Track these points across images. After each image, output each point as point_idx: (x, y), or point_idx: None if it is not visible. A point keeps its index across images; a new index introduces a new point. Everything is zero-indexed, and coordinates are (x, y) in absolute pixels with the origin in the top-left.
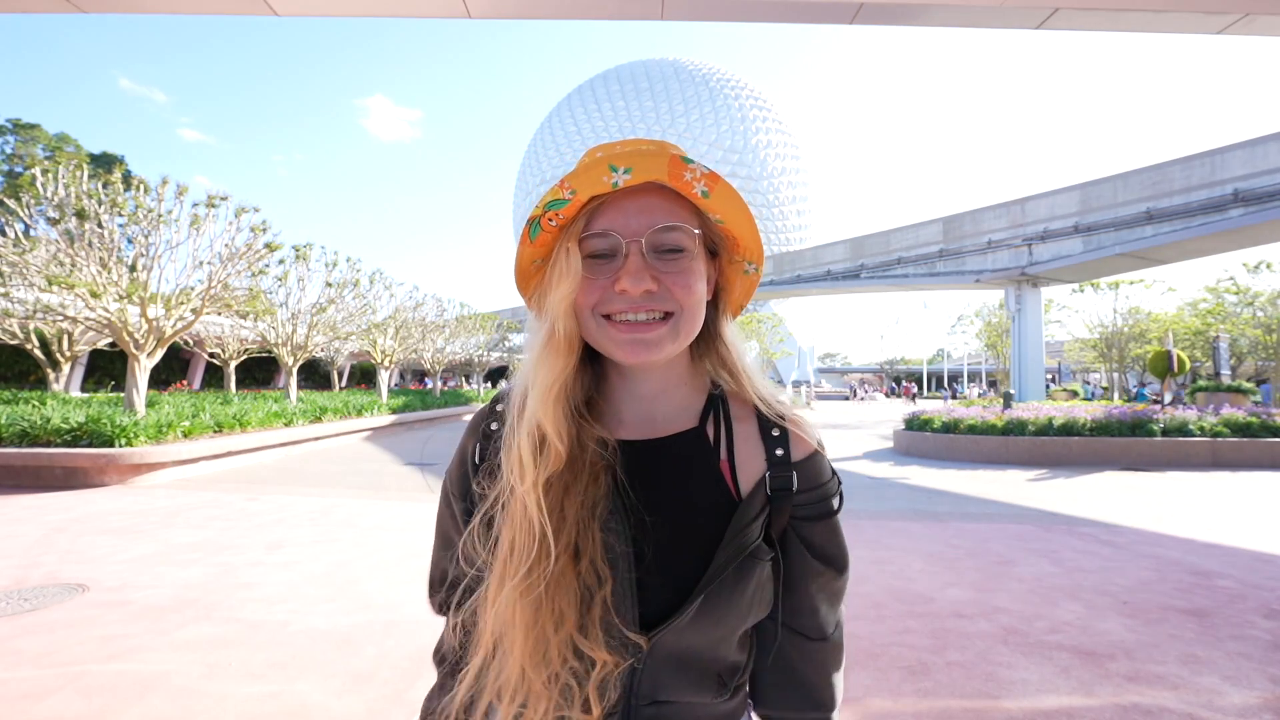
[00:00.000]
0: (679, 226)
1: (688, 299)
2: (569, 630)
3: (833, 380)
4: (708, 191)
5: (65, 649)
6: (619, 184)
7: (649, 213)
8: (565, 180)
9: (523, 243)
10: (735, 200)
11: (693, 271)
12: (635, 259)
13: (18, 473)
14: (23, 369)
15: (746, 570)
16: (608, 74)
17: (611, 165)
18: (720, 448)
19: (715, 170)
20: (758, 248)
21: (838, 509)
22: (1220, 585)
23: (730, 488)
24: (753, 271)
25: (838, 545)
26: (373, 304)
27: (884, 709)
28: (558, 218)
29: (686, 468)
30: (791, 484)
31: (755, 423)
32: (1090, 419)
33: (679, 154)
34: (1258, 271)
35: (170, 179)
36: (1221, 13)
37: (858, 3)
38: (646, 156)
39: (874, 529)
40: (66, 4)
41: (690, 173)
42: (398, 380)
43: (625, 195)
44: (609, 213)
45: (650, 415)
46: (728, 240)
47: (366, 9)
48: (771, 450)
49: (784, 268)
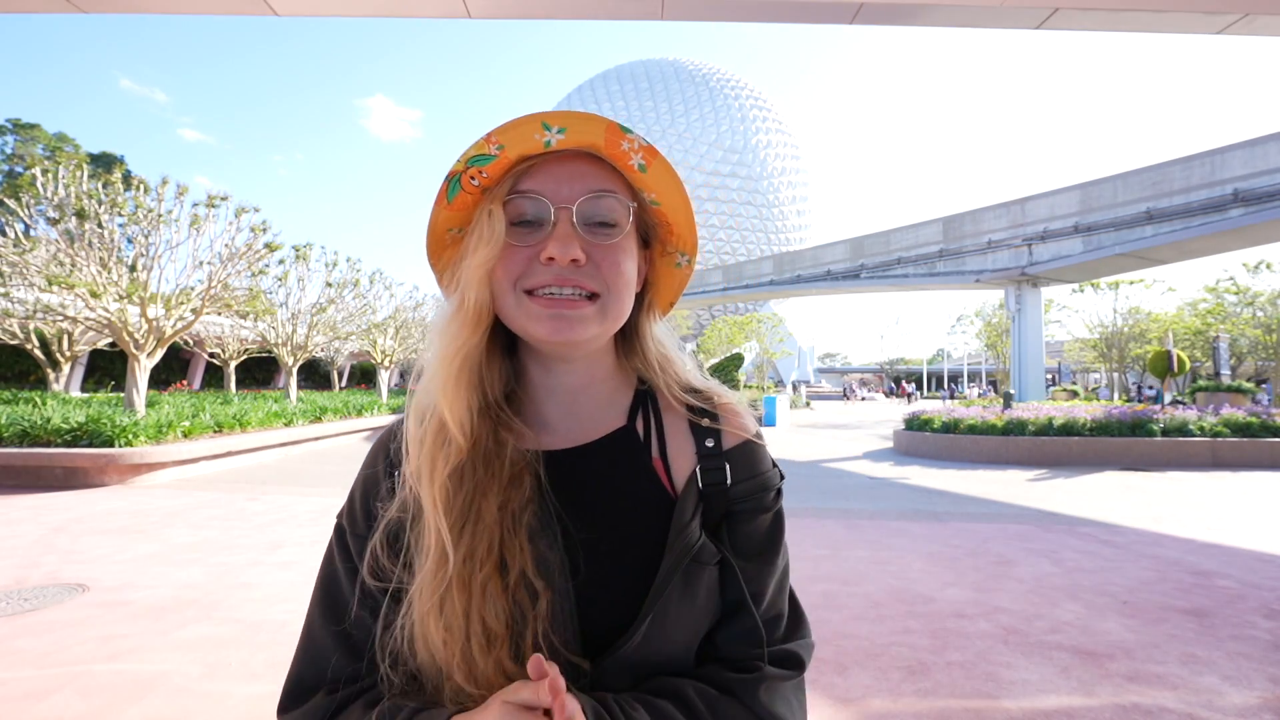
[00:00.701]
0: (613, 193)
1: (616, 279)
2: (499, 654)
3: (833, 380)
4: (645, 165)
5: (65, 649)
6: (551, 143)
7: (582, 179)
8: (492, 134)
9: (438, 204)
10: (673, 179)
11: (624, 249)
12: (564, 226)
13: (18, 473)
14: (23, 369)
15: (694, 576)
16: (608, 74)
17: (545, 124)
18: (651, 444)
19: (714, 197)
20: (692, 237)
21: (775, 501)
22: (1220, 585)
23: (666, 486)
24: (685, 264)
25: (772, 540)
26: (373, 304)
27: (884, 709)
28: (480, 176)
29: (618, 470)
30: (725, 476)
31: (685, 415)
32: (1090, 419)
33: (620, 122)
34: (1258, 271)
35: (170, 179)
36: (1221, 13)
37: (858, 3)
38: (583, 119)
39: (874, 529)
40: (66, 4)
41: (628, 142)
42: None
43: (557, 159)
44: (538, 175)
45: (574, 412)
46: (661, 227)
47: (366, 9)
48: (701, 441)
49: (784, 268)
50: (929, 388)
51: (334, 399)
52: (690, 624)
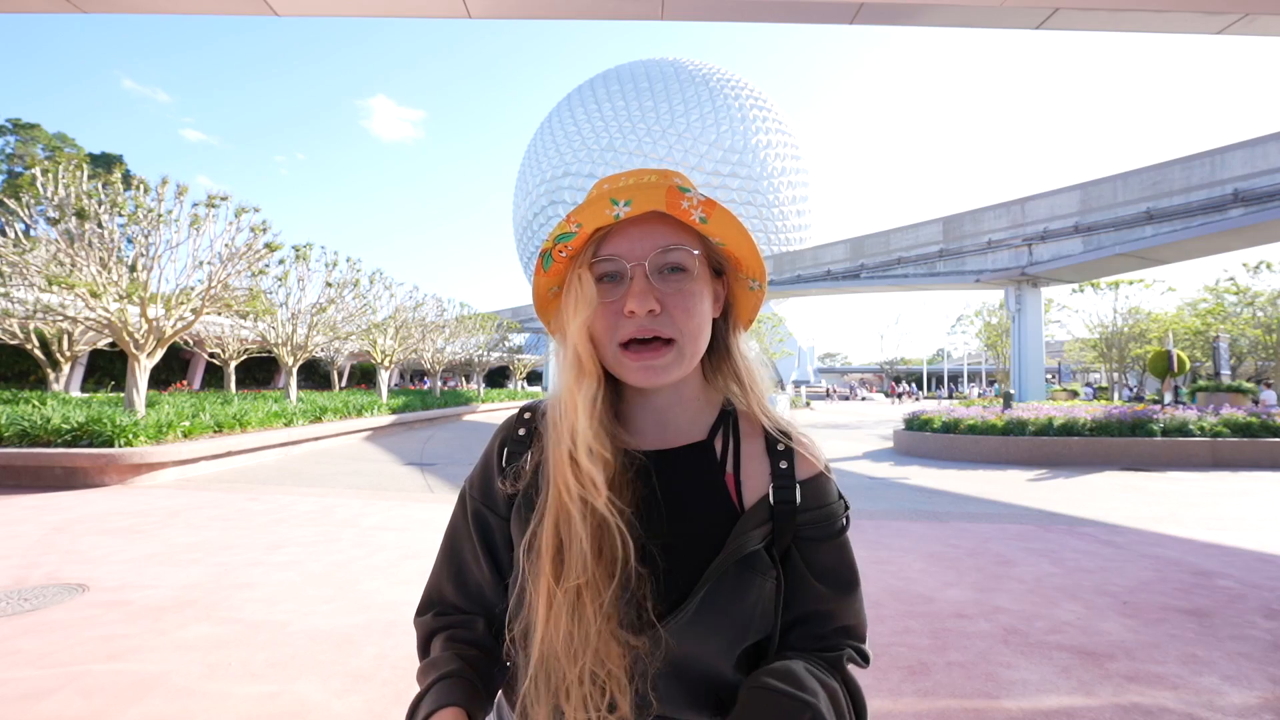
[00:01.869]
0: (679, 247)
1: (687, 323)
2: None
3: (832, 380)
4: (705, 218)
5: (65, 649)
6: (620, 215)
7: (651, 237)
8: (571, 215)
9: (537, 273)
10: (733, 223)
11: (693, 294)
12: (640, 281)
13: (18, 473)
14: (23, 369)
15: (746, 580)
16: (608, 74)
17: (613, 199)
18: (726, 461)
19: (713, 197)
20: (759, 266)
21: (844, 529)
22: (1220, 585)
23: (734, 500)
24: (756, 288)
25: (847, 566)
26: (373, 304)
27: (884, 709)
28: (567, 249)
29: (692, 478)
30: (795, 499)
31: (763, 440)
32: (1090, 419)
33: (678, 184)
34: (1258, 271)
35: (170, 179)
36: (1221, 13)
37: (858, 3)
38: (645, 189)
39: (874, 529)
40: (66, 4)
41: (687, 201)
42: (398, 380)
43: (629, 223)
44: (615, 239)
45: (662, 426)
46: (730, 260)
47: (366, 9)
48: (776, 465)
49: (784, 268)
50: (930, 387)
51: (334, 399)
52: (735, 622)
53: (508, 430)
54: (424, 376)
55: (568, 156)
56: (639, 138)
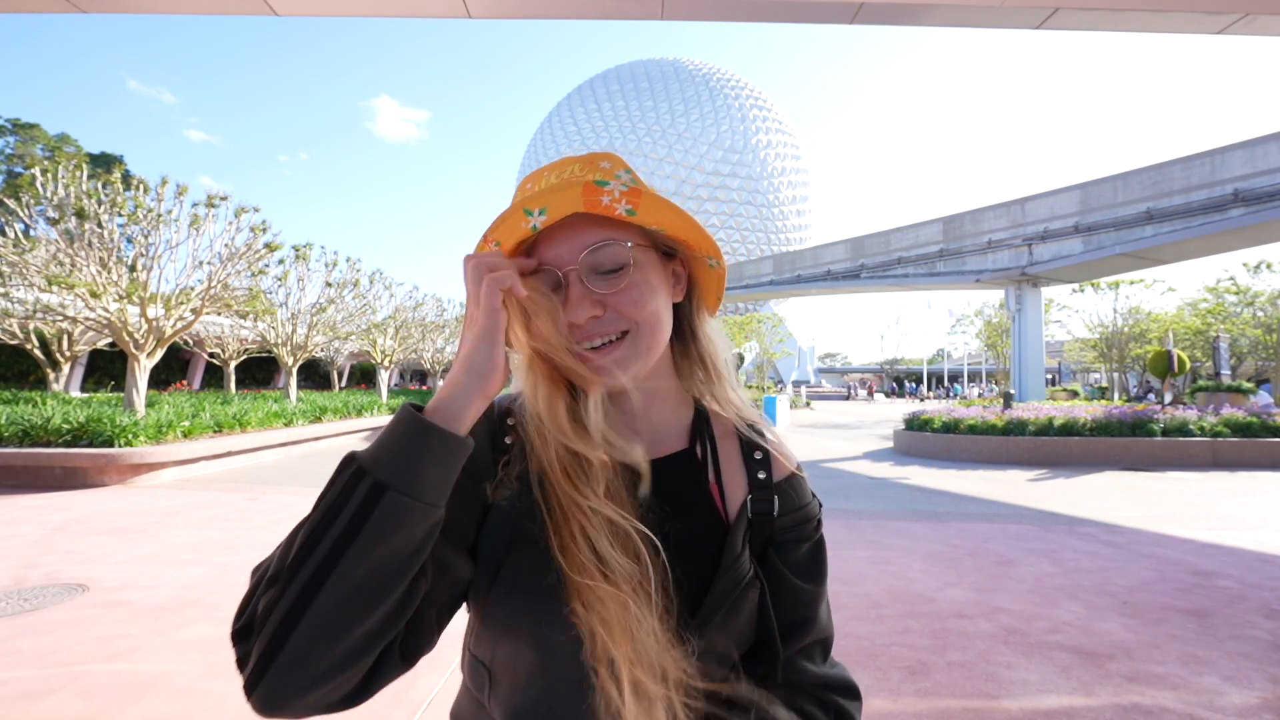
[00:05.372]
0: (608, 243)
1: (639, 313)
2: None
3: (833, 380)
4: (632, 209)
5: (65, 649)
6: (537, 226)
7: (579, 237)
8: (487, 234)
9: None
10: (667, 208)
11: (639, 285)
12: (575, 287)
13: (18, 473)
14: (23, 369)
15: (742, 600)
16: (608, 74)
17: (526, 210)
18: (708, 469)
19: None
20: (708, 243)
21: (817, 530)
22: (1220, 585)
23: (720, 510)
24: (715, 265)
25: (820, 564)
26: (372, 304)
27: (884, 709)
28: None
29: (681, 490)
30: (773, 507)
31: (737, 442)
32: (1090, 419)
33: (594, 179)
34: (1258, 271)
35: (170, 179)
36: (1221, 13)
37: (858, 3)
38: (560, 191)
39: (874, 529)
40: (66, 4)
41: (608, 195)
42: (397, 380)
43: (556, 226)
44: (543, 245)
45: (639, 430)
46: (678, 241)
47: (366, 9)
48: (754, 473)
49: (784, 268)
50: (929, 387)
51: (334, 399)
52: (732, 641)
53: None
54: (424, 377)
55: (568, 156)
56: (639, 137)
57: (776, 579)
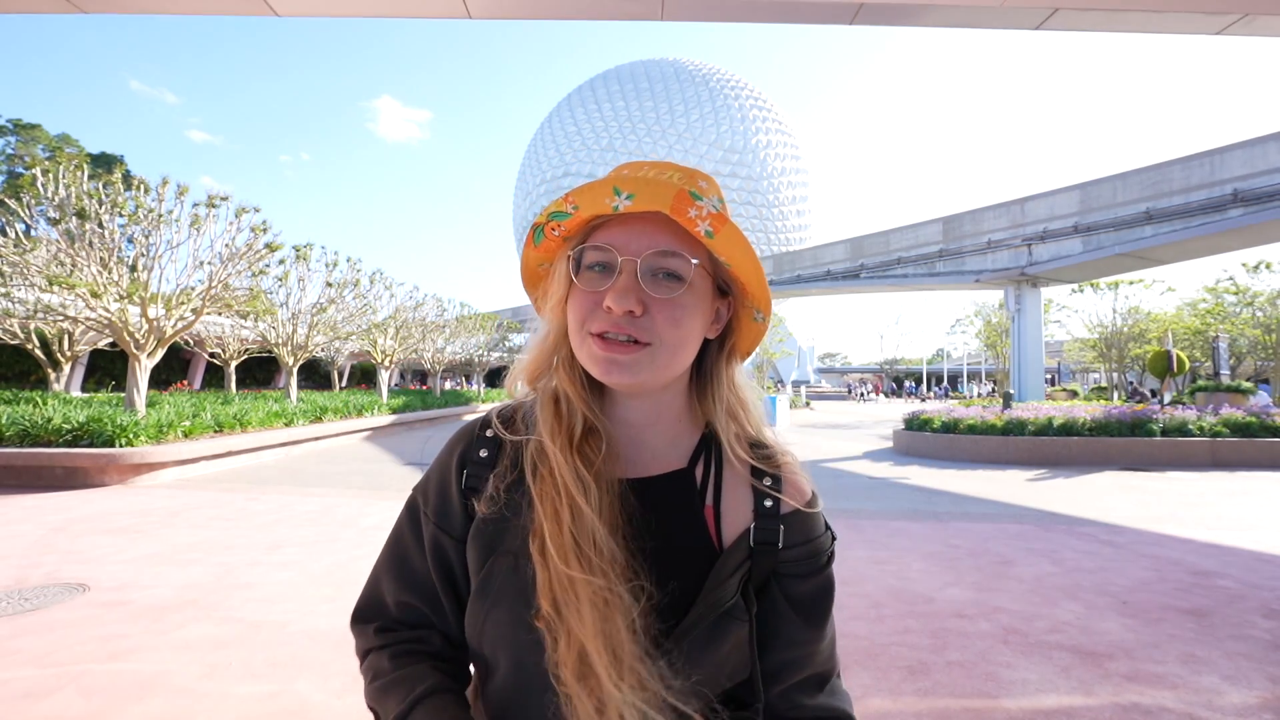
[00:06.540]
0: (679, 254)
1: (670, 333)
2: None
3: (833, 380)
4: (712, 232)
5: (65, 649)
6: (619, 208)
7: (651, 235)
8: (570, 194)
9: (527, 246)
10: (742, 246)
11: (684, 305)
12: (627, 278)
13: (18, 473)
14: (23, 369)
15: (722, 629)
16: (608, 74)
17: (616, 189)
18: (707, 492)
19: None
20: (765, 297)
21: (827, 565)
22: (1220, 585)
23: (712, 536)
24: (760, 320)
25: (826, 599)
26: (373, 304)
27: (884, 709)
28: (561, 228)
29: (669, 510)
30: (778, 538)
31: (747, 469)
32: (1090, 419)
33: (692, 190)
34: (1257, 271)
35: (170, 179)
36: (1221, 13)
37: (858, 3)
38: (655, 185)
39: (874, 529)
40: (66, 4)
41: (696, 209)
42: (398, 380)
43: (632, 216)
44: (612, 228)
45: (638, 446)
46: (736, 283)
47: (366, 9)
48: (760, 500)
49: (784, 268)
50: (929, 387)
51: (334, 399)
52: (709, 676)
53: (466, 447)
54: (425, 377)
55: (568, 156)
56: (639, 138)
57: (775, 613)
